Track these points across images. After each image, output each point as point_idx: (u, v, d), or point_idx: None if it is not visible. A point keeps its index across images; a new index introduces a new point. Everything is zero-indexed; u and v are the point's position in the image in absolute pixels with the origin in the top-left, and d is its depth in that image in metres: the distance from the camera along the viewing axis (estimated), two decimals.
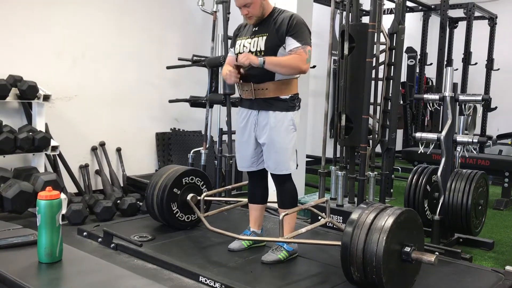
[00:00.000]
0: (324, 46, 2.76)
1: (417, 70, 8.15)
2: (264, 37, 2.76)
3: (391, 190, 5.33)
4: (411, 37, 8.06)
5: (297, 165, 2.91)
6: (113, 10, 4.74)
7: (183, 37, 5.37)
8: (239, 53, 2.87)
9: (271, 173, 2.93)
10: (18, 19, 4.07)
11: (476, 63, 7.89)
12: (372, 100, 3.67)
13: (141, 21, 4.98)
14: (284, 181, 2.91)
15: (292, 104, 2.81)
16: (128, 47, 4.88)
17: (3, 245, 1.96)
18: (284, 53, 2.75)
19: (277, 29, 2.73)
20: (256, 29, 2.82)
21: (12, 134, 3.72)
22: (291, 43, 2.71)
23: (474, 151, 3.80)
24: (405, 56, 8.19)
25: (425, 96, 3.79)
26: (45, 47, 4.27)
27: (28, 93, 3.84)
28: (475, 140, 3.57)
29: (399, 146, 8.08)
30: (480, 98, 3.55)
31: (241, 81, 2.85)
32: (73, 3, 4.41)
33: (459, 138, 3.64)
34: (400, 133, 8.10)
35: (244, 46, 2.85)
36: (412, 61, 8.47)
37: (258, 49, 2.78)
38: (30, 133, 3.79)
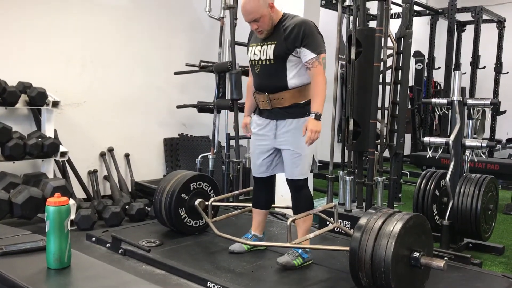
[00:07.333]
0: (331, 50, 2.78)
1: (425, 74, 8.13)
2: (273, 45, 2.77)
3: (400, 195, 5.30)
4: (419, 41, 8.03)
5: (312, 170, 2.92)
6: (121, 17, 4.77)
7: (191, 43, 5.39)
8: (251, 60, 2.89)
9: (287, 179, 2.93)
10: (27, 26, 4.10)
11: (484, 67, 7.84)
12: (379, 104, 3.66)
13: (149, 27, 5.00)
14: (300, 188, 2.91)
15: (309, 108, 2.81)
16: (136, 53, 4.91)
17: (13, 251, 1.98)
18: (293, 59, 2.76)
19: (285, 37, 2.73)
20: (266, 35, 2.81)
21: (21, 140, 3.75)
22: (306, 54, 2.73)
23: (483, 155, 3.77)
24: (412, 60, 8.17)
25: (433, 100, 3.77)
26: (54, 54, 4.30)
27: (37, 100, 3.87)
28: (484, 144, 3.54)
29: (407, 150, 8.04)
30: (488, 102, 3.53)
31: (255, 93, 2.89)
32: (82, 10, 4.44)
33: (468, 142, 3.62)
34: (408, 137, 8.06)
35: (254, 53, 2.86)
36: (420, 65, 8.45)
37: (268, 58, 2.79)
38: (39, 139, 3.82)
